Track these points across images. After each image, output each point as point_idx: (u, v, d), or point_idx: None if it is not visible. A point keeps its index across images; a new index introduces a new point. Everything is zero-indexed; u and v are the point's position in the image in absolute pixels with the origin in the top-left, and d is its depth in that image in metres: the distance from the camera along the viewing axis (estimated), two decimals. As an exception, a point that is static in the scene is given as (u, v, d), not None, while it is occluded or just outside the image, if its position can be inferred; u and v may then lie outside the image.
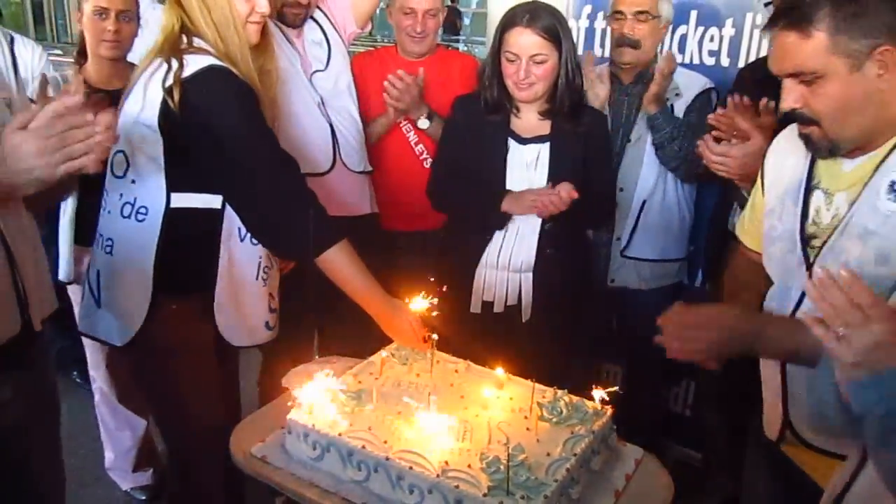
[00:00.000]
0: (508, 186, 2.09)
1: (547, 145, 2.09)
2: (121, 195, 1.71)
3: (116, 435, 2.64)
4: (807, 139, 1.31)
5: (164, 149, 1.64)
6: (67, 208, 2.38)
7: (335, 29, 2.38)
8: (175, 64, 1.60)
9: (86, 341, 2.49)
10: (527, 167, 2.10)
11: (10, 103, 1.49)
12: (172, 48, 1.65)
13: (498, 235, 2.12)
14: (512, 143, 2.10)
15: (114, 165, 1.72)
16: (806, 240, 1.35)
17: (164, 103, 1.60)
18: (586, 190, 2.00)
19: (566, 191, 1.95)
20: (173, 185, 1.67)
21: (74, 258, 2.39)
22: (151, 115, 1.63)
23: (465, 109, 2.18)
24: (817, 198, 1.35)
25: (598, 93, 2.34)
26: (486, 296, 2.15)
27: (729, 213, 2.23)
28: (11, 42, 1.59)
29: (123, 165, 1.70)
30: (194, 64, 1.61)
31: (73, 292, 2.45)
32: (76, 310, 2.45)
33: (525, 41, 1.98)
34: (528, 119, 2.11)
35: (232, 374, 1.98)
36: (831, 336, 0.95)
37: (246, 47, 1.67)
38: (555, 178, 2.07)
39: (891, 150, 1.24)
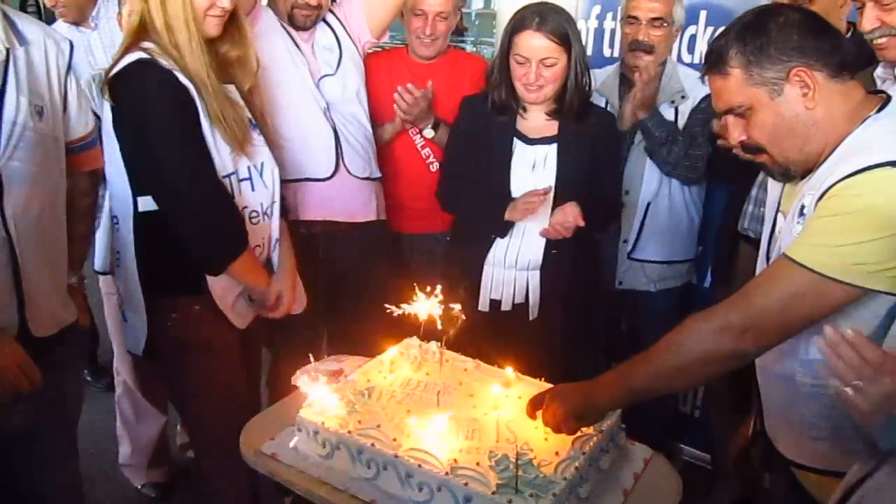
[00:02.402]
0: (513, 187, 2.10)
1: (554, 146, 2.09)
2: (110, 207, 1.74)
3: (136, 429, 2.65)
4: (763, 167, 1.38)
5: (120, 151, 1.67)
6: (106, 201, 2.41)
7: (349, 36, 2.36)
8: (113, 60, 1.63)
9: (111, 334, 2.57)
10: (532, 168, 2.10)
11: (41, 111, 1.50)
12: (132, 42, 1.66)
13: (505, 234, 2.13)
14: (518, 143, 2.11)
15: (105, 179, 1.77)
16: (770, 261, 1.40)
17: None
18: (593, 192, 2.00)
19: (574, 215, 1.97)
20: (137, 189, 1.69)
21: None
22: (108, 117, 1.66)
23: (472, 110, 2.19)
24: (780, 219, 1.40)
25: (625, 112, 2.32)
26: (493, 294, 2.16)
27: (738, 214, 2.24)
28: (71, 49, 1.61)
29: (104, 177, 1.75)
30: (126, 59, 1.63)
31: (106, 283, 2.49)
32: (105, 304, 2.50)
33: (535, 44, 1.98)
34: (536, 120, 2.12)
35: (254, 374, 2.00)
36: (846, 389, 1.00)
37: (197, 40, 1.65)
38: (561, 179, 2.08)
39: (817, 169, 1.27)
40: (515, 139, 2.11)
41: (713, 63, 1.30)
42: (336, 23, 2.35)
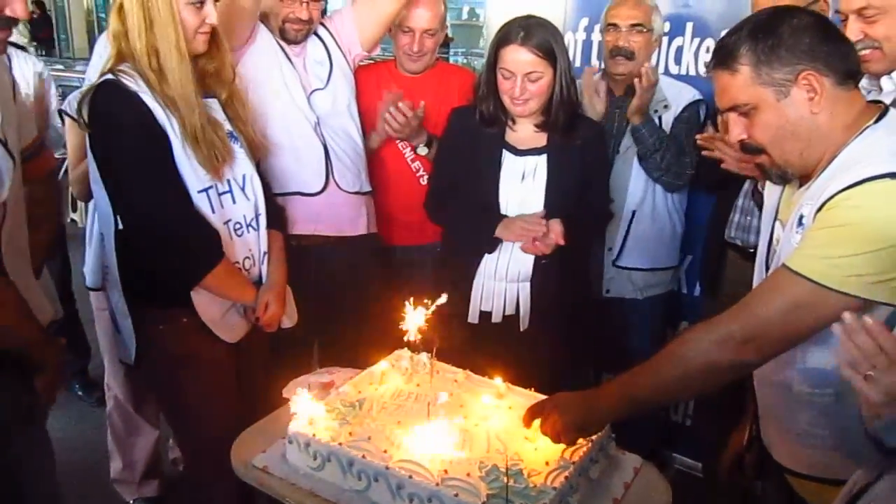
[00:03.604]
0: (501, 199, 2.11)
1: (544, 157, 2.11)
2: (98, 224, 1.77)
3: (128, 443, 2.63)
4: (761, 168, 1.37)
5: (98, 170, 1.70)
6: (96, 216, 2.41)
7: (340, 49, 2.37)
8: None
9: (102, 349, 2.58)
10: (522, 179, 2.11)
11: None
12: (112, 65, 1.68)
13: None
14: (507, 155, 2.12)
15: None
16: (768, 270, 1.40)
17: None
18: (583, 201, 2.01)
19: (556, 233, 1.99)
20: (116, 207, 1.72)
21: None
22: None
23: (461, 122, 2.20)
24: (777, 228, 1.40)
25: (595, 107, 2.36)
26: (483, 306, 2.16)
27: (724, 223, 2.26)
28: (10, 62, 1.63)
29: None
30: (97, 82, 1.65)
31: (97, 299, 2.49)
32: (97, 318, 2.51)
33: (520, 59, 1.99)
34: (525, 131, 2.13)
35: (251, 385, 1.99)
36: (859, 377, 0.98)
37: (187, 62, 1.66)
38: (551, 190, 2.09)
39: (816, 179, 1.28)
40: (505, 150, 2.12)
41: (722, 59, 1.29)
42: (327, 36, 2.36)
